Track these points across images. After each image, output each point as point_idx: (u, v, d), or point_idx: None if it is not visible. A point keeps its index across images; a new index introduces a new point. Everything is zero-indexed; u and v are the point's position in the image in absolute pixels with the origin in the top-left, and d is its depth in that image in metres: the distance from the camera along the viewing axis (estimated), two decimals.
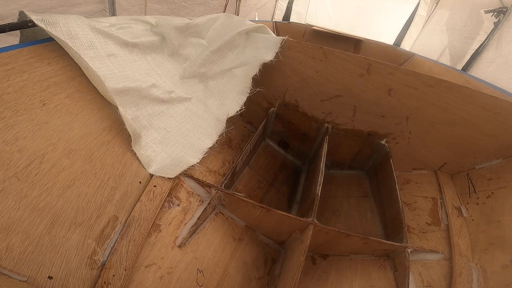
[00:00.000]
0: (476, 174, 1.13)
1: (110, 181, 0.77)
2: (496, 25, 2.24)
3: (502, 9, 2.21)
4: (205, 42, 1.22)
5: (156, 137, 0.96)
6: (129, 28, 1.02)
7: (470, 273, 0.85)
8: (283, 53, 1.18)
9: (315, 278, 0.96)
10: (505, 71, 1.97)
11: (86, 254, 0.65)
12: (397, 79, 1.11)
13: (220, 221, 0.96)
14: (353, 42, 2.49)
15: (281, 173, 1.42)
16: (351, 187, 1.40)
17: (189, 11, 2.10)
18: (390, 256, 0.97)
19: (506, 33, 2.14)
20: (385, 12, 3.91)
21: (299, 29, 2.49)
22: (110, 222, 0.73)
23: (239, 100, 1.17)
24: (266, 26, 1.28)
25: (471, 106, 1.05)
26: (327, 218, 1.22)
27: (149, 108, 0.98)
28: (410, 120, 1.20)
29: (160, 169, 0.90)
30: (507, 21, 2.17)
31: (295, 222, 0.90)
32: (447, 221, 1.01)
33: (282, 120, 1.45)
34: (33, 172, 0.62)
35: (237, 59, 1.20)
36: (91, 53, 0.86)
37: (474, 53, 2.37)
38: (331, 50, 1.13)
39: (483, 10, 2.36)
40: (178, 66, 1.17)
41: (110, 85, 0.84)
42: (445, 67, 2.00)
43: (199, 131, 1.08)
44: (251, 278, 0.92)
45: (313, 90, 1.27)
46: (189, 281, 0.78)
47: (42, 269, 0.56)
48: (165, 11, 1.85)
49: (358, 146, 1.39)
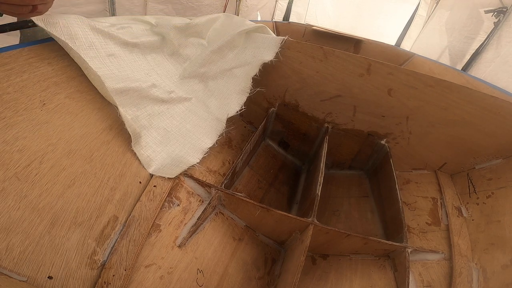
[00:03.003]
0: (476, 174, 1.13)
1: (110, 181, 0.77)
2: (496, 25, 2.24)
3: (502, 9, 2.21)
4: (205, 42, 1.22)
5: (156, 137, 0.96)
6: (129, 28, 1.02)
7: (470, 273, 0.85)
8: (283, 53, 1.18)
9: (315, 278, 0.96)
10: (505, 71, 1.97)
11: (86, 254, 0.65)
12: (397, 79, 1.11)
13: (220, 221, 0.96)
14: (353, 42, 2.49)
15: (281, 173, 1.42)
16: (351, 187, 1.40)
17: (196, 11, 2.08)
18: (390, 256, 0.97)
19: (506, 33, 2.14)
20: (386, 13, 3.91)
21: (299, 29, 2.49)
22: (110, 222, 0.73)
23: (239, 100, 1.17)
24: (266, 26, 1.29)
25: (471, 106, 1.05)
26: (327, 218, 1.22)
27: (149, 108, 0.98)
28: (410, 120, 1.20)
29: (160, 169, 0.90)
30: (507, 21, 2.17)
31: (295, 222, 0.90)
32: (447, 221, 1.01)
33: (282, 120, 1.45)
34: (33, 172, 0.62)
35: (237, 59, 1.20)
36: (91, 53, 0.86)
37: (474, 53, 2.37)
38: (331, 50, 1.13)
39: (483, 10, 2.36)
40: (178, 66, 1.17)
41: (110, 85, 0.84)
42: (445, 67, 2.00)
43: (199, 131, 1.08)
44: (251, 278, 0.92)
45: (313, 90, 1.27)
46: (189, 281, 0.78)
47: (42, 269, 0.56)
48: (171, 12, 1.84)
49: (358, 146, 1.40)
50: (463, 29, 2.60)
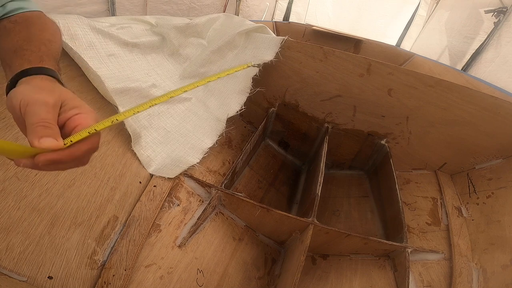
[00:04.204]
0: (476, 174, 1.13)
1: (110, 181, 0.77)
2: (496, 25, 2.24)
3: (502, 9, 2.21)
4: (205, 42, 1.22)
5: (156, 137, 0.96)
6: (129, 28, 1.02)
7: (470, 273, 0.85)
8: (283, 53, 1.18)
9: (315, 278, 0.96)
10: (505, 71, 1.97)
11: (86, 254, 0.65)
12: (397, 79, 1.11)
13: (220, 221, 0.96)
14: (353, 42, 2.49)
15: (281, 173, 1.42)
16: (351, 187, 1.40)
17: (198, 12, 2.09)
18: (390, 256, 0.97)
19: (506, 33, 2.14)
20: (386, 13, 3.90)
21: (299, 29, 2.49)
22: (110, 222, 0.73)
23: (239, 100, 1.17)
24: (266, 26, 1.29)
25: (471, 106, 1.05)
26: (327, 218, 1.22)
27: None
28: (410, 120, 1.20)
29: (160, 169, 0.90)
30: (507, 21, 2.17)
31: (295, 222, 0.90)
32: (447, 221, 1.01)
33: (282, 120, 1.45)
34: (33, 172, 0.62)
35: (237, 59, 1.20)
36: (91, 53, 0.86)
37: (474, 53, 2.37)
38: (331, 50, 1.13)
39: (483, 10, 2.36)
40: (178, 66, 1.17)
41: (110, 85, 0.84)
42: (445, 67, 2.00)
43: (199, 131, 1.08)
44: (251, 278, 0.92)
45: (313, 90, 1.27)
46: (189, 281, 0.78)
47: (42, 269, 0.56)
48: (175, 12, 1.84)
49: (358, 146, 1.40)
50: (463, 29, 2.60)
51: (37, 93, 0.32)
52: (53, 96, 0.33)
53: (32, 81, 0.35)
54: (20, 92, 0.32)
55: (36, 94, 0.32)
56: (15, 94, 0.32)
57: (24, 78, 0.36)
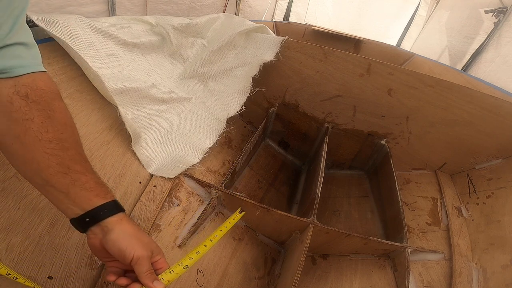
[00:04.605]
0: (476, 174, 1.13)
1: (110, 181, 0.77)
2: (496, 25, 2.24)
3: (502, 9, 2.21)
4: (205, 42, 1.22)
5: (156, 137, 0.96)
6: (129, 28, 1.02)
7: (470, 273, 0.85)
8: (283, 53, 1.18)
9: (315, 278, 0.96)
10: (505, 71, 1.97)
11: (86, 254, 0.65)
12: (397, 79, 1.11)
13: (220, 221, 0.96)
14: (353, 42, 2.49)
15: (281, 173, 1.42)
16: (351, 187, 1.40)
17: (198, 12, 2.08)
18: (390, 256, 0.97)
19: (506, 33, 2.14)
20: (386, 13, 3.89)
21: (299, 29, 2.50)
22: None
23: (239, 100, 1.17)
24: (266, 26, 1.29)
25: (471, 106, 1.05)
26: (327, 218, 1.22)
27: (149, 108, 0.98)
28: (410, 120, 1.20)
29: (160, 169, 0.90)
30: (507, 21, 2.17)
31: (295, 222, 0.90)
32: (447, 221, 1.01)
33: (282, 120, 1.45)
34: None
35: (237, 59, 1.20)
36: (91, 53, 0.86)
37: (474, 53, 2.36)
38: (331, 50, 1.13)
39: (483, 10, 2.36)
40: (178, 66, 1.17)
41: (110, 85, 0.84)
42: (445, 67, 2.00)
43: (199, 131, 1.08)
44: (251, 278, 0.92)
45: (313, 90, 1.27)
46: (189, 281, 0.78)
47: (42, 269, 0.56)
48: (175, 12, 1.83)
49: (358, 146, 1.40)
50: (463, 29, 2.60)
51: (140, 248, 0.45)
52: (149, 250, 0.47)
53: (118, 226, 0.46)
54: (122, 240, 0.45)
55: (140, 249, 0.45)
56: (114, 242, 0.45)
57: (108, 220, 0.46)
